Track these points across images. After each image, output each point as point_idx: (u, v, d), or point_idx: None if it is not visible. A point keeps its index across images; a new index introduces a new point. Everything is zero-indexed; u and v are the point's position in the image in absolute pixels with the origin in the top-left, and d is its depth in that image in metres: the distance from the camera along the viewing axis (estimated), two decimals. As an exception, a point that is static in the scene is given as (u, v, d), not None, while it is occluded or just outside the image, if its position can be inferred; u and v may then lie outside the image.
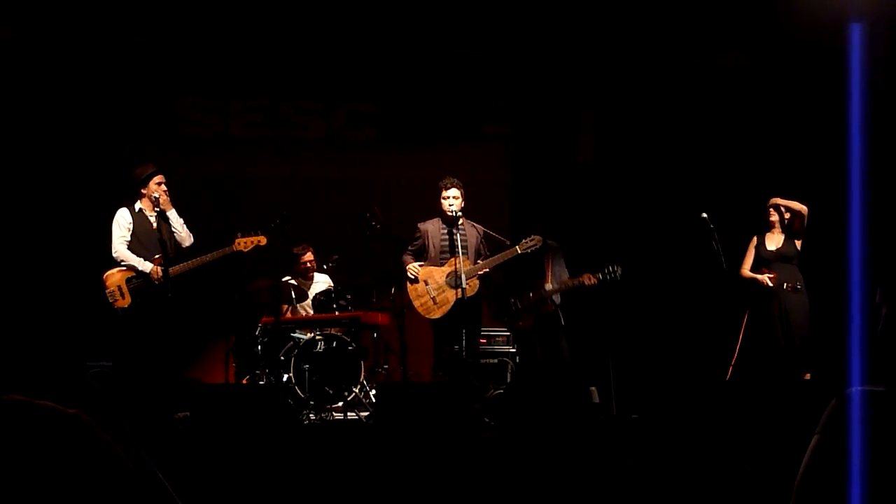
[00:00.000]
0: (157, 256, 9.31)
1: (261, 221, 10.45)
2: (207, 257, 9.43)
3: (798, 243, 10.01)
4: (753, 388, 9.66)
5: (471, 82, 12.53)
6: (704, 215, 9.68)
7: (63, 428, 1.66)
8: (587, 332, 11.28)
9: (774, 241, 10.06)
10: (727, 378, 9.88)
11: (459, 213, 9.75)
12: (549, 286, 10.13)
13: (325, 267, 10.99)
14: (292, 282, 10.63)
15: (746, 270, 10.13)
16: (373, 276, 10.51)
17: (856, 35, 8.37)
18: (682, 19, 11.32)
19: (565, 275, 10.26)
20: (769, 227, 10.14)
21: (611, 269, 10.06)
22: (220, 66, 12.16)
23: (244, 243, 9.48)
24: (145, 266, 9.32)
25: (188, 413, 8.82)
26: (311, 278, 11.06)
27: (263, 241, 9.55)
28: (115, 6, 11.01)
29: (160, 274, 9.25)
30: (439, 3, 11.09)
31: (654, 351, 11.47)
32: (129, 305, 9.29)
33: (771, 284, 9.89)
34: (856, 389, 2.61)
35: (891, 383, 2.62)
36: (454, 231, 9.76)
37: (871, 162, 7.84)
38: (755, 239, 10.23)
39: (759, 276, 9.99)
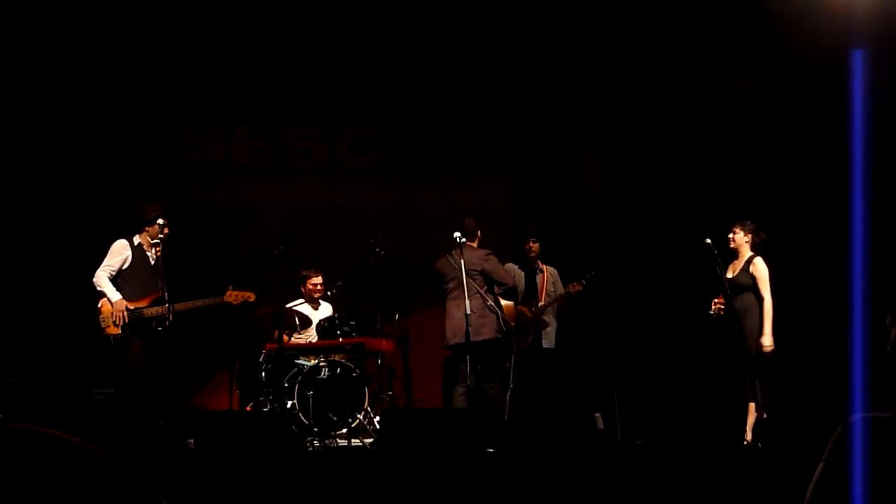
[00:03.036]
0: (149, 295, 9.33)
1: (264, 248, 10.48)
2: (199, 302, 9.51)
3: (756, 270, 9.80)
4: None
5: (475, 108, 12.54)
6: (708, 241, 9.66)
7: (69, 456, 1.66)
8: (591, 358, 11.28)
9: (732, 268, 9.95)
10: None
11: None
12: (541, 303, 10.32)
13: (329, 293, 10.96)
14: (298, 307, 10.64)
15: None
16: (377, 303, 10.53)
17: (858, 61, 8.41)
18: (684, 45, 11.34)
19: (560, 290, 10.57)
20: (734, 254, 10.02)
21: (591, 274, 10.32)
22: (223, 92, 12.17)
23: (234, 296, 9.61)
24: (113, 296, 9.31)
25: (192, 440, 8.82)
26: (319, 303, 11.04)
27: (252, 297, 9.69)
28: (119, 33, 11.04)
29: (122, 311, 9.25)
30: (443, 29, 11.11)
31: (658, 377, 11.45)
32: (120, 333, 9.28)
33: (711, 311, 9.83)
34: (860, 416, 2.60)
35: (896, 409, 2.61)
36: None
37: (875, 186, 7.86)
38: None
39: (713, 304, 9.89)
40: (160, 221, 9.43)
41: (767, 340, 9.48)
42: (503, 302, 10.06)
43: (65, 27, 10.87)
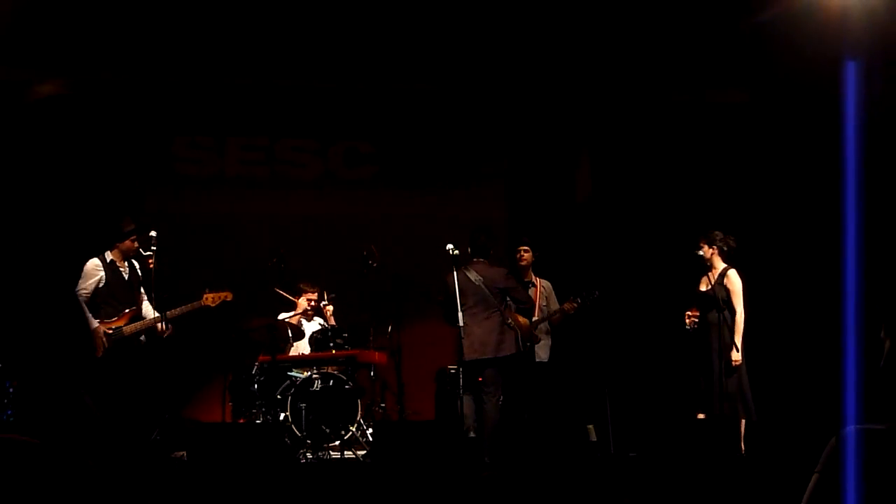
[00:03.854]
0: (126, 311, 9.29)
1: (257, 259, 10.46)
2: (177, 311, 9.39)
3: (729, 283, 9.74)
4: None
5: (468, 120, 12.53)
6: (701, 253, 9.66)
7: (26, 457, 1.64)
8: (584, 369, 11.26)
9: (706, 281, 9.87)
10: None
11: None
12: (534, 318, 10.27)
13: (321, 307, 10.93)
14: (291, 320, 10.63)
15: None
16: (370, 315, 10.52)
17: (851, 73, 8.42)
18: (677, 58, 11.35)
19: (554, 307, 10.49)
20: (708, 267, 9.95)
21: (587, 293, 10.19)
22: (217, 104, 12.15)
23: (212, 298, 9.49)
24: (91, 323, 9.27)
25: (185, 452, 8.80)
26: (312, 317, 11.02)
27: (230, 296, 9.56)
28: (112, 45, 11.03)
29: (101, 337, 9.19)
30: (437, 42, 11.11)
31: (651, 389, 11.43)
32: (101, 356, 9.23)
33: (686, 325, 9.77)
34: (854, 428, 2.59)
35: (891, 420, 2.60)
36: None
37: (869, 197, 7.86)
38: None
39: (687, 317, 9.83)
40: (133, 237, 9.36)
41: (736, 354, 9.44)
42: (519, 319, 10.01)
43: (58, 40, 10.85)
